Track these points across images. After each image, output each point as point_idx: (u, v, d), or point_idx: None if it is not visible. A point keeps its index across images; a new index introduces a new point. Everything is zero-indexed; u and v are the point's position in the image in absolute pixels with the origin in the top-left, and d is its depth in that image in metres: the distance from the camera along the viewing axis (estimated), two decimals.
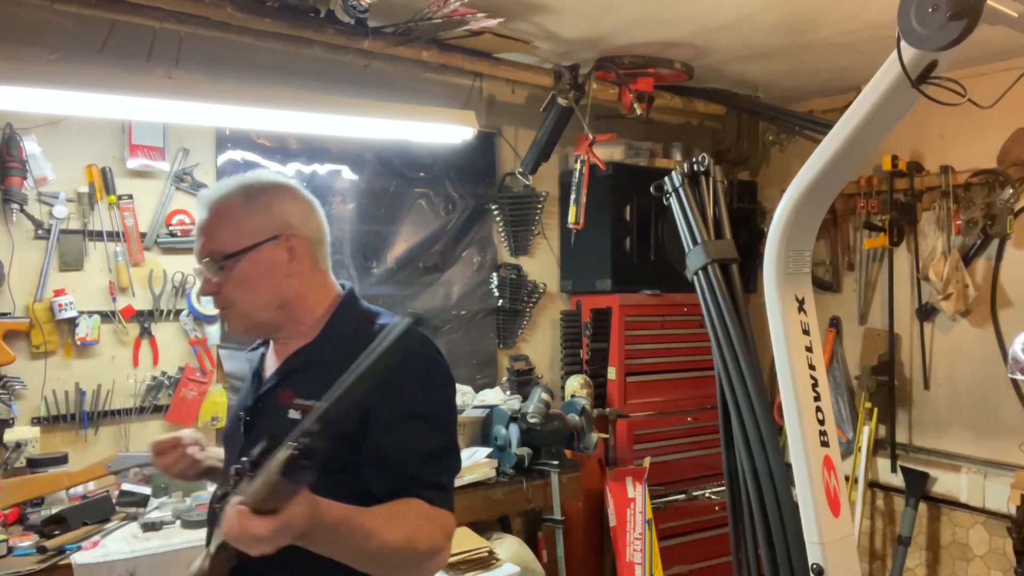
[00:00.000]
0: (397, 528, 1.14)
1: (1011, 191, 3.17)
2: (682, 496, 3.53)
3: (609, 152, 3.50)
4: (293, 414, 1.31)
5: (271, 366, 1.43)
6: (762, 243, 2.23)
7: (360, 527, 1.10)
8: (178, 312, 2.81)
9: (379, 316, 1.39)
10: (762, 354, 2.50)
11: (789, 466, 2.11)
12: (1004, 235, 3.22)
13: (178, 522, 2.35)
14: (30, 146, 2.53)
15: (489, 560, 2.56)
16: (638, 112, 3.29)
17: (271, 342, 1.47)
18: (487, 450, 2.99)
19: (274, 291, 1.36)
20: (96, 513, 2.34)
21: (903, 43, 1.50)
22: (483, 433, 3.14)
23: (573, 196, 3.31)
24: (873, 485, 3.69)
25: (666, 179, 2.79)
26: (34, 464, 2.46)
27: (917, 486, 3.46)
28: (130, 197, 2.72)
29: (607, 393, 3.49)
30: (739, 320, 2.55)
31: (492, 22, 2.68)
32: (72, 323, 2.60)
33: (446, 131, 2.96)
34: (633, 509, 3.26)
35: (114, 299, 2.68)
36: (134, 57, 2.58)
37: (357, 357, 1.27)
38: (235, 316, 1.37)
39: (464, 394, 3.27)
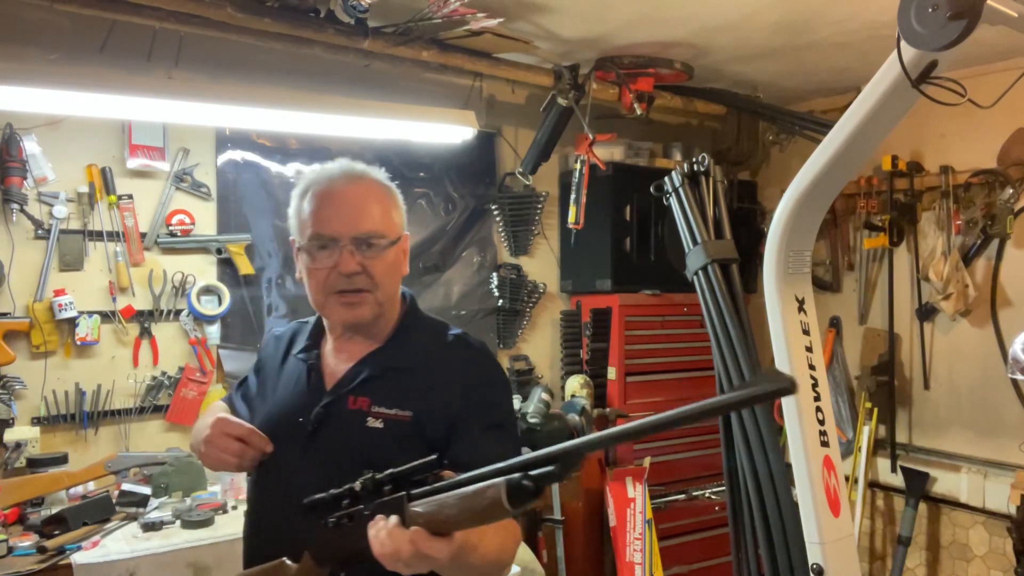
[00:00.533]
0: (490, 541, 1.13)
1: (1011, 191, 3.16)
2: (682, 496, 3.53)
3: (609, 152, 3.50)
4: (373, 423, 1.28)
5: (335, 368, 1.37)
6: (762, 243, 2.23)
7: (468, 541, 1.06)
8: (178, 312, 2.81)
9: (448, 328, 1.41)
10: (762, 354, 2.50)
11: (789, 466, 2.11)
12: (1004, 235, 3.21)
13: (178, 522, 2.35)
14: (30, 146, 2.53)
15: None
16: (638, 112, 3.29)
17: (329, 342, 1.41)
18: None
19: (398, 285, 1.38)
20: (96, 513, 2.34)
21: (903, 43, 1.50)
22: None
23: (573, 196, 3.31)
24: (873, 485, 3.69)
25: (666, 179, 2.79)
26: (34, 464, 2.46)
27: (917, 486, 3.46)
28: (130, 197, 2.72)
29: (607, 393, 3.49)
30: (739, 320, 2.55)
31: (492, 22, 2.68)
32: (72, 323, 2.60)
33: (446, 131, 2.96)
34: (633, 509, 3.25)
35: (114, 299, 2.68)
36: (134, 57, 2.57)
37: (438, 368, 1.31)
38: (372, 301, 1.32)
39: None
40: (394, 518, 0.98)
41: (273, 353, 1.48)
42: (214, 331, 2.86)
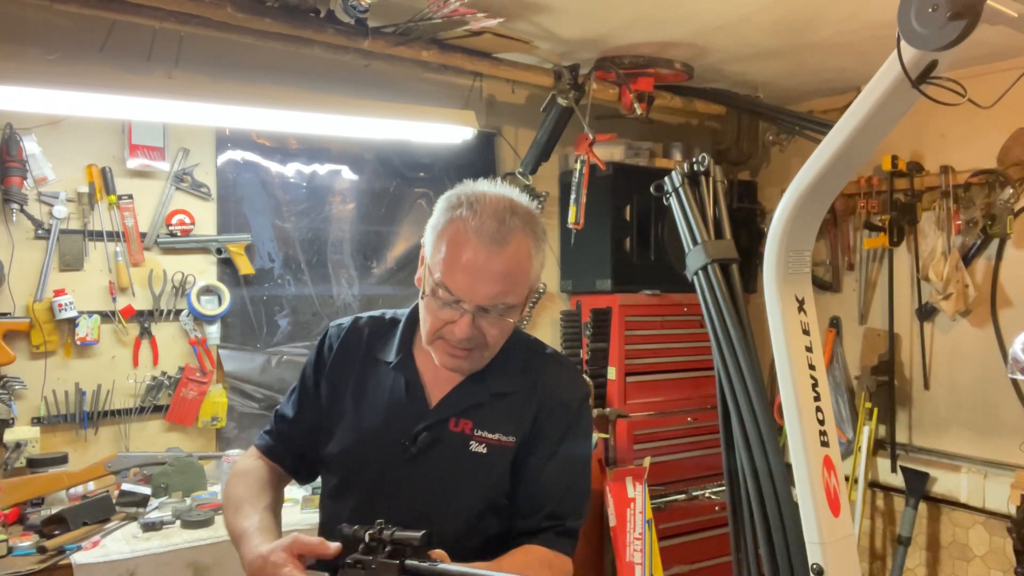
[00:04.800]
0: None
1: (1011, 191, 3.16)
2: (682, 496, 3.53)
3: (609, 152, 3.49)
4: (476, 447, 1.26)
5: (435, 383, 1.32)
6: (762, 243, 2.23)
7: None
8: (178, 312, 2.81)
9: (543, 346, 1.40)
10: (762, 354, 2.50)
11: (789, 466, 2.11)
12: (1004, 235, 3.21)
13: (178, 522, 2.35)
14: (30, 146, 2.53)
15: None
16: (638, 112, 3.29)
17: (422, 352, 1.33)
18: None
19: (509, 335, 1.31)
20: (96, 513, 2.34)
21: (903, 43, 1.50)
22: None
23: (573, 196, 3.31)
24: (873, 485, 3.69)
25: (666, 179, 2.79)
26: (34, 464, 2.46)
27: (917, 486, 3.46)
28: (130, 197, 2.72)
29: (607, 393, 3.49)
30: (739, 320, 2.54)
31: (492, 22, 2.68)
32: (72, 323, 2.60)
33: (446, 131, 2.96)
34: (633, 509, 3.25)
35: (114, 299, 2.68)
36: (134, 57, 2.58)
37: (534, 390, 1.30)
38: (478, 357, 1.27)
39: None
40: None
41: (351, 353, 1.39)
42: (214, 331, 2.86)
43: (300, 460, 1.40)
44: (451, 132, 2.97)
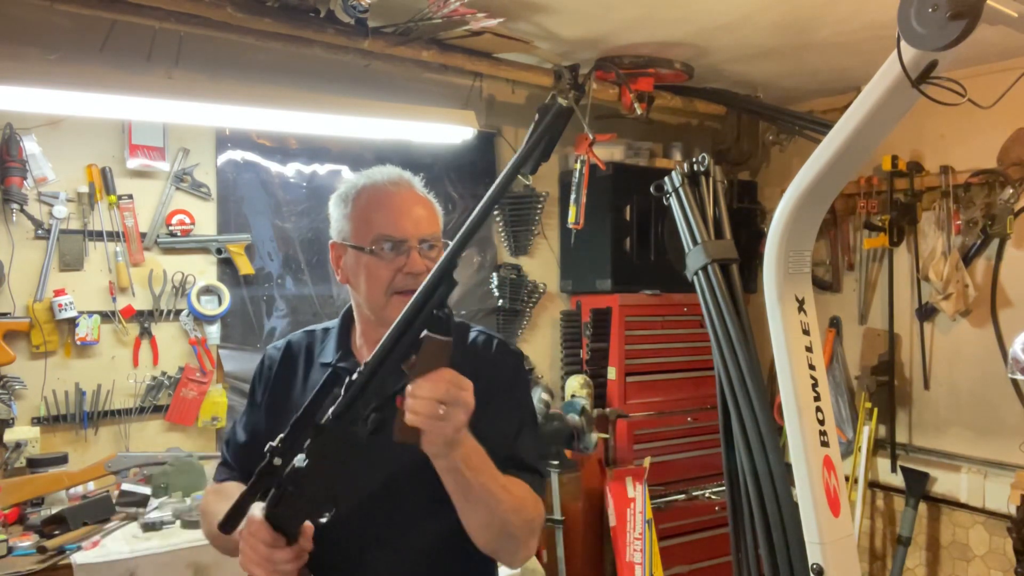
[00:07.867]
0: (510, 487, 1.19)
1: (1011, 191, 3.16)
2: (682, 496, 3.53)
3: (609, 152, 3.50)
4: None
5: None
6: (762, 243, 2.23)
7: (488, 464, 1.15)
8: (178, 312, 2.81)
9: (469, 328, 1.44)
10: (762, 354, 2.50)
11: (789, 466, 2.11)
12: (1004, 235, 3.21)
13: (178, 522, 2.35)
14: (30, 146, 2.53)
15: None
16: (638, 112, 3.29)
17: (361, 347, 1.40)
18: None
19: None
20: (96, 513, 2.34)
21: (903, 43, 1.50)
22: None
23: (573, 196, 3.31)
24: (873, 485, 3.69)
25: (666, 179, 2.79)
26: (34, 464, 2.46)
27: (917, 486, 3.46)
28: (130, 197, 2.72)
29: (607, 393, 3.49)
30: (739, 320, 2.54)
31: (492, 22, 2.68)
32: (72, 323, 2.60)
33: (446, 131, 2.96)
34: (633, 509, 3.25)
35: (114, 299, 2.68)
36: (134, 57, 2.57)
37: (472, 359, 1.33)
38: None
39: None
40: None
41: (288, 371, 1.44)
42: (214, 331, 2.86)
43: None
44: (451, 132, 2.97)
